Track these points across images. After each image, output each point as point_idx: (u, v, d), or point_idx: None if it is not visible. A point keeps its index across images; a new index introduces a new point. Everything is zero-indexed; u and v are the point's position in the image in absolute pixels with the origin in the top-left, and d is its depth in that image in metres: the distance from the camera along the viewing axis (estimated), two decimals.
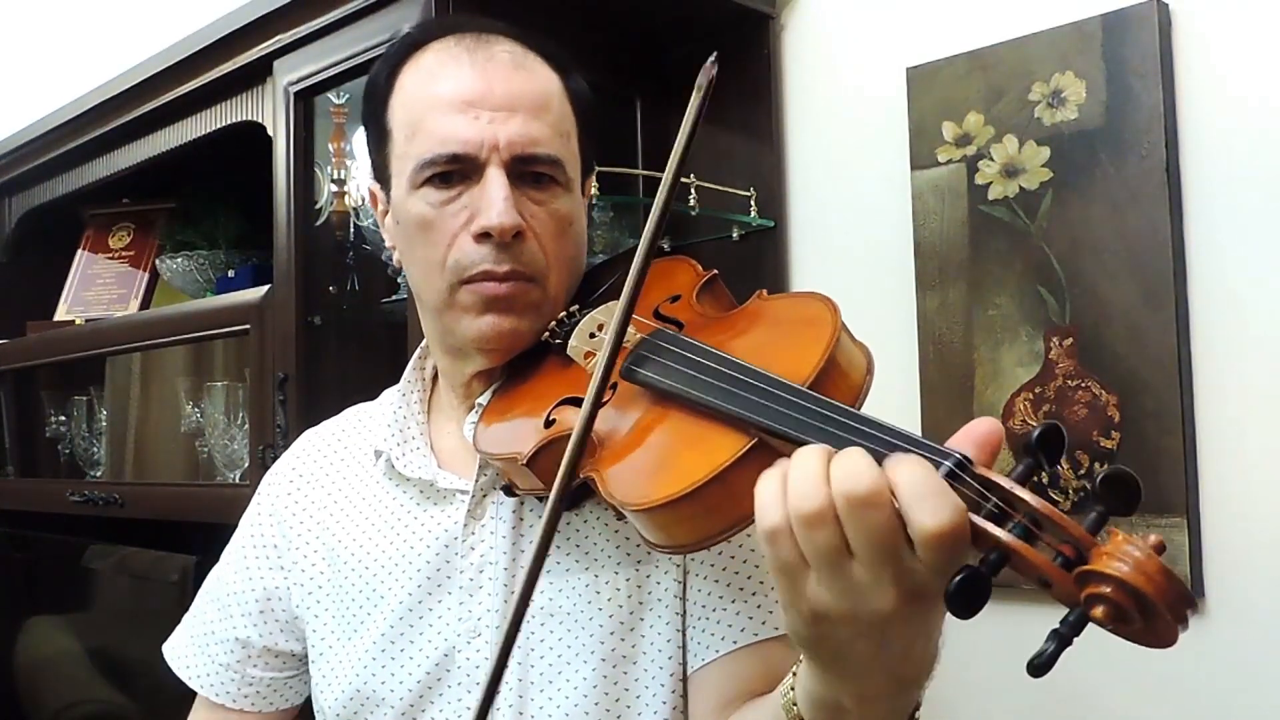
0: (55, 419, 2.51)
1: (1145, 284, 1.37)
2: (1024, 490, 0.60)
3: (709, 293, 0.94)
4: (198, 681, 1.13)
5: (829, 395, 0.70)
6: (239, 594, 1.12)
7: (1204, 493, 1.35)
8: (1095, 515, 0.59)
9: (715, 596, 0.92)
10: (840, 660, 0.67)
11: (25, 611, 2.50)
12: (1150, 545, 0.57)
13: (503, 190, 0.92)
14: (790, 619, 0.67)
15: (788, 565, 0.63)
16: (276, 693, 1.13)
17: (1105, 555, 0.57)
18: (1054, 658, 0.57)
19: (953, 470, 0.61)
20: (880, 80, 1.63)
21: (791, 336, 0.79)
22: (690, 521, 0.72)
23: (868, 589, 0.61)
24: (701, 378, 0.76)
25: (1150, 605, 0.56)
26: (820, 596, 0.63)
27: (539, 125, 0.94)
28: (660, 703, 0.93)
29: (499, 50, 0.97)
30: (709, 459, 0.70)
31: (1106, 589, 0.56)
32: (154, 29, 2.27)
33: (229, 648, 1.12)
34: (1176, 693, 1.35)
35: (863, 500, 0.60)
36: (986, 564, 0.59)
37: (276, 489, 1.13)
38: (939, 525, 0.58)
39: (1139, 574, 0.56)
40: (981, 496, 0.60)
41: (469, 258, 0.94)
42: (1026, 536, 0.59)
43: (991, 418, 0.64)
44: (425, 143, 0.95)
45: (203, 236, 2.20)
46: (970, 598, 0.58)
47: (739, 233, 1.76)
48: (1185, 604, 0.56)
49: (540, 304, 0.97)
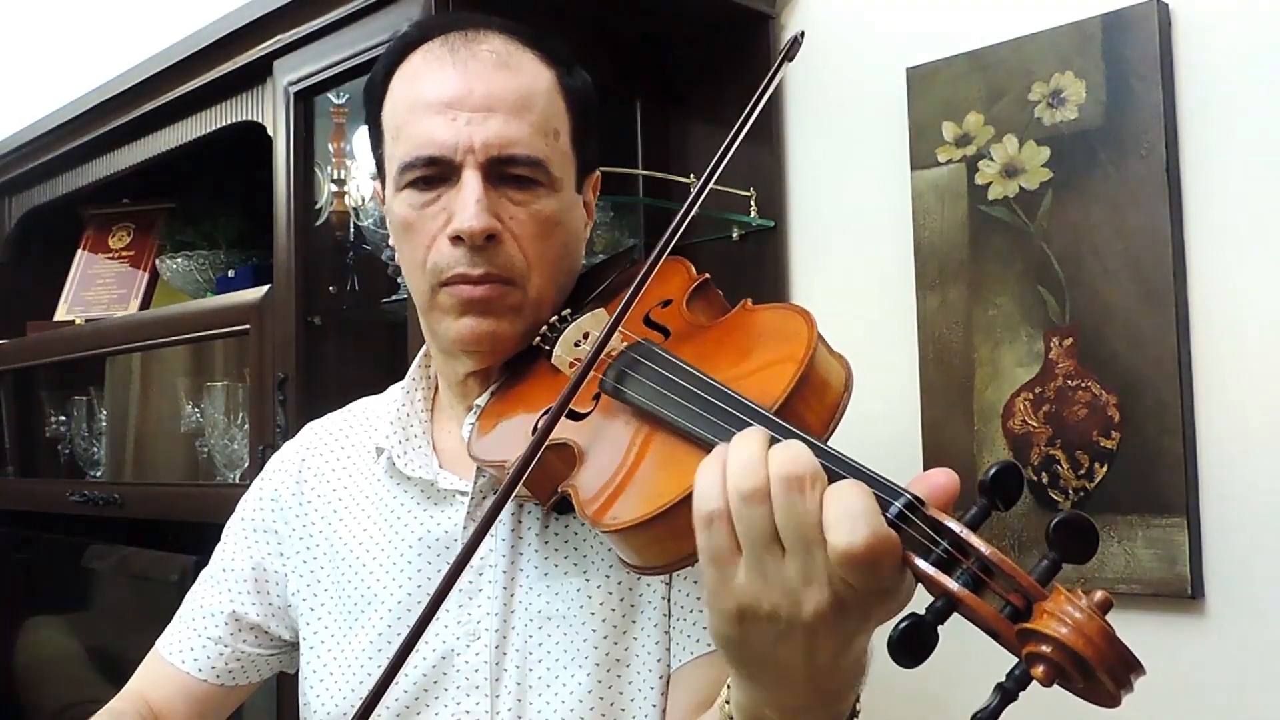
0: (55, 419, 2.51)
1: (1145, 284, 1.37)
2: (975, 536, 0.59)
3: (700, 298, 0.93)
4: (186, 660, 1.12)
5: (801, 415, 0.70)
6: (235, 570, 1.12)
7: (1204, 493, 1.35)
8: (1047, 564, 0.58)
9: (694, 599, 0.92)
10: (762, 666, 0.66)
11: (25, 611, 2.50)
12: (1095, 603, 0.56)
13: (475, 193, 0.92)
14: (715, 620, 0.66)
15: (720, 553, 0.63)
16: (255, 668, 1.14)
17: (1046, 614, 0.56)
18: (997, 713, 0.56)
19: (902, 511, 0.60)
20: (880, 80, 1.63)
21: (768, 354, 0.79)
22: (659, 544, 0.72)
23: (796, 587, 0.61)
24: (673, 397, 0.76)
25: (1090, 668, 0.55)
26: (748, 589, 0.62)
27: (518, 125, 0.94)
28: (650, 705, 0.93)
29: (484, 49, 0.96)
30: (677, 482, 0.70)
31: (1046, 649, 0.55)
32: (154, 29, 2.27)
33: (220, 621, 1.11)
34: (1176, 693, 1.35)
35: (797, 480, 0.60)
36: (933, 611, 0.58)
37: (282, 475, 1.13)
38: (851, 544, 0.58)
39: (1078, 636, 0.54)
40: (931, 541, 0.59)
41: (445, 260, 0.95)
42: (975, 585, 0.58)
43: (949, 470, 0.62)
44: (405, 145, 0.96)
45: (203, 236, 2.20)
46: (914, 647, 0.57)
47: (739, 233, 1.76)
48: (1127, 669, 0.55)
49: (520, 306, 0.96)
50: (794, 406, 0.70)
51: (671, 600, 0.94)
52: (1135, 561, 1.36)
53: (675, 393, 0.76)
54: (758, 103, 0.79)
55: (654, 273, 0.80)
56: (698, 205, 0.83)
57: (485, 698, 0.95)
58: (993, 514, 0.60)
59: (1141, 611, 1.37)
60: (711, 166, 0.81)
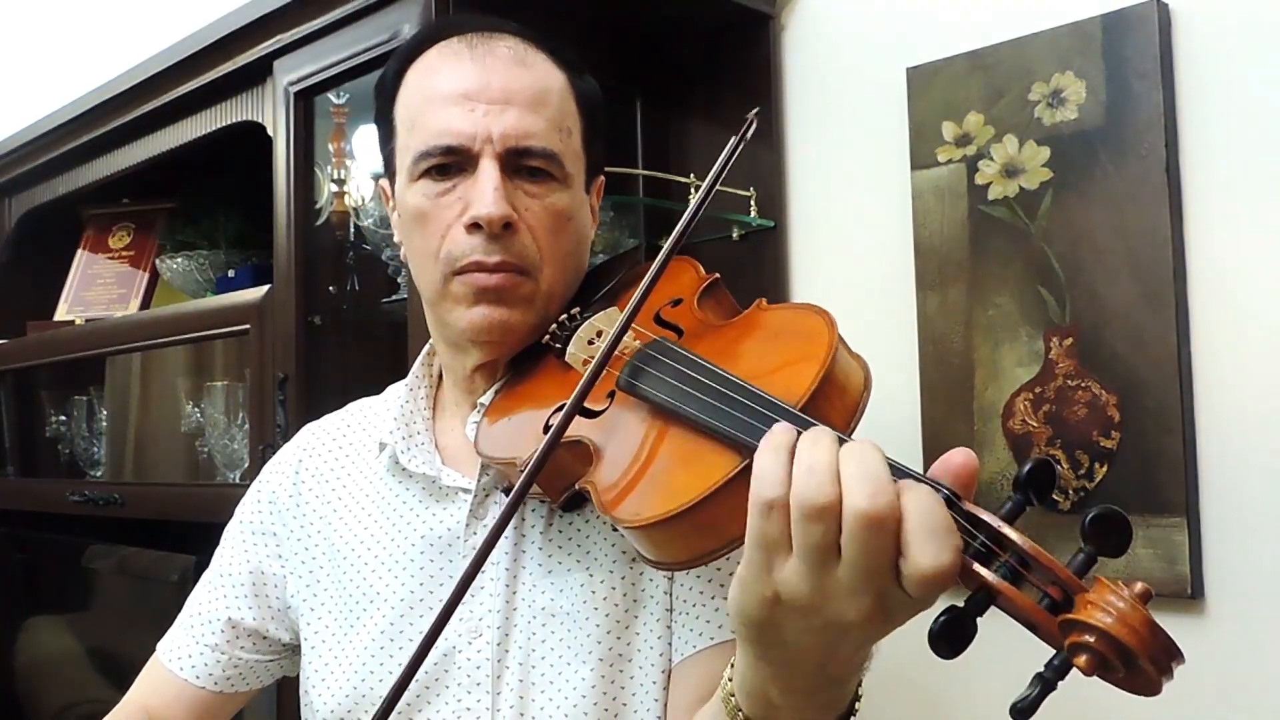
0: (55, 419, 2.51)
1: (1145, 284, 1.37)
2: (1011, 529, 0.59)
3: (711, 297, 0.94)
4: (185, 668, 1.11)
5: (824, 413, 0.69)
6: (232, 575, 1.12)
7: (1204, 493, 1.35)
8: (1083, 557, 0.58)
9: (697, 592, 0.92)
10: (780, 649, 0.66)
11: (25, 611, 2.50)
12: (1136, 594, 0.56)
13: (493, 181, 0.93)
14: (743, 598, 0.65)
15: (771, 542, 0.62)
16: (255, 674, 1.13)
17: (1089, 604, 0.56)
18: (1037, 702, 0.56)
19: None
20: (880, 80, 1.63)
21: (789, 352, 0.78)
22: (682, 540, 0.72)
23: (843, 594, 0.61)
24: (695, 394, 0.76)
25: (1133, 657, 0.55)
26: (790, 583, 0.62)
27: (534, 119, 0.95)
28: (652, 700, 0.93)
29: (501, 46, 0.98)
30: (701, 479, 0.70)
31: (1090, 639, 0.56)
32: (154, 29, 2.27)
33: (218, 628, 1.11)
34: (1176, 693, 1.35)
35: (874, 521, 0.58)
36: (972, 603, 0.58)
37: (279, 477, 1.13)
38: (938, 566, 0.58)
39: (1123, 626, 0.55)
40: (969, 534, 0.60)
41: (460, 248, 0.95)
42: (1013, 577, 0.58)
43: (966, 448, 0.62)
44: (422, 135, 0.96)
45: (203, 236, 2.20)
46: (954, 640, 0.57)
47: (739, 233, 1.76)
48: (1169, 656, 0.56)
49: (532, 297, 0.97)
50: (818, 405, 0.70)
51: (673, 594, 0.94)
52: (1135, 561, 1.36)
53: (698, 390, 0.76)
54: (720, 176, 0.82)
55: (663, 270, 0.81)
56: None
57: (487, 694, 0.95)
58: (1027, 509, 0.60)
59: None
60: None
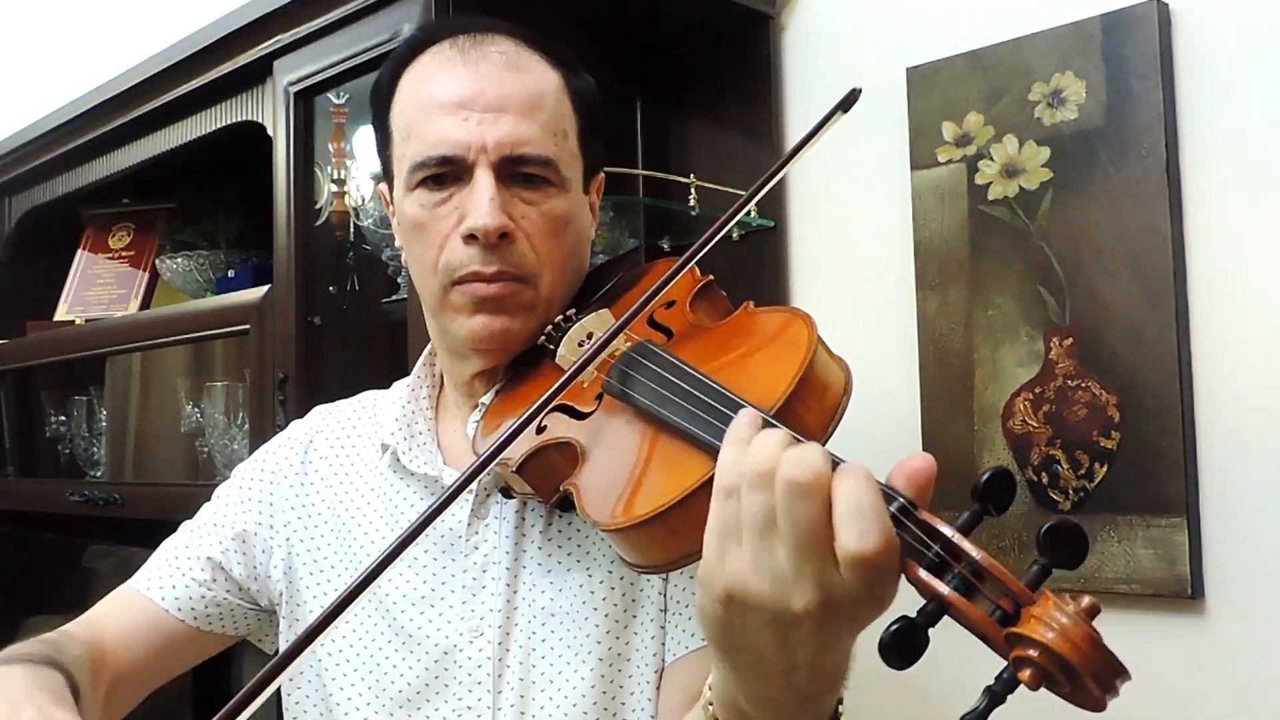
0: (55, 419, 2.51)
1: (1145, 284, 1.37)
2: (967, 541, 0.59)
3: (704, 299, 0.94)
4: (166, 597, 1.09)
5: (802, 416, 0.70)
6: (224, 527, 1.11)
7: (1204, 493, 1.35)
8: (1037, 569, 0.58)
9: (689, 594, 0.93)
10: (741, 653, 0.66)
11: (25, 611, 2.50)
12: (1082, 609, 0.56)
13: (489, 191, 0.93)
14: (701, 598, 0.66)
15: (727, 527, 0.64)
16: (232, 618, 1.11)
17: (1034, 619, 0.56)
18: (985, 715, 0.56)
19: (896, 514, 0.60)
20: (880, 80, 1.63)
21: (769, 355, 0.79)
22: (659, 544, 0.73)
23: (787, 579, 0.61)
24: (673, 398, 0.76)
25: (1075, 673, 0.55)
26: (739, 575, 0.63)
27: (529, 125, 0.95)
28: (649, 700, 0.93)
29: (493, 50, 0.98)
30: (675, 483, 0.71)
31: (1033, 653, 0.56)
32: (154, 29, 2.27)
33: (205, 567, 1.09)
34: (1175, 693, 1.35)
35: (800, 488, 0.60)
36: (924, 614, 0.58)
37: (286, 452, 1.13)
38: (863, 547, 0.58)
39: (1065, 641, 0.55)
40: (924, 545, 0.60)
41: (458, 259, 0.95)
42: (965, 589, 0.59)
43: (925, 453, 0.62)
44: (417, 145, 0.96)
45: (203, 236, 2.20)
46: (905, 650, 0.57)
47: (739, 233, 1.76)
48: (1113, 674, 0.55)
49: (533, 304, 0.97)
50: (793, 409, 0.71)
51: (668, 595, 0.95)
52: (1135, 561, 1.36)
53: (675, 394, 0.76)
54: (809, 140, 0.82)
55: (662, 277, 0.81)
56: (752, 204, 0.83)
57: (488, 693, 0.95)
58: (984, 519, 0.60)
59: (1141, 611, 1.37)
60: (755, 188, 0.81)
